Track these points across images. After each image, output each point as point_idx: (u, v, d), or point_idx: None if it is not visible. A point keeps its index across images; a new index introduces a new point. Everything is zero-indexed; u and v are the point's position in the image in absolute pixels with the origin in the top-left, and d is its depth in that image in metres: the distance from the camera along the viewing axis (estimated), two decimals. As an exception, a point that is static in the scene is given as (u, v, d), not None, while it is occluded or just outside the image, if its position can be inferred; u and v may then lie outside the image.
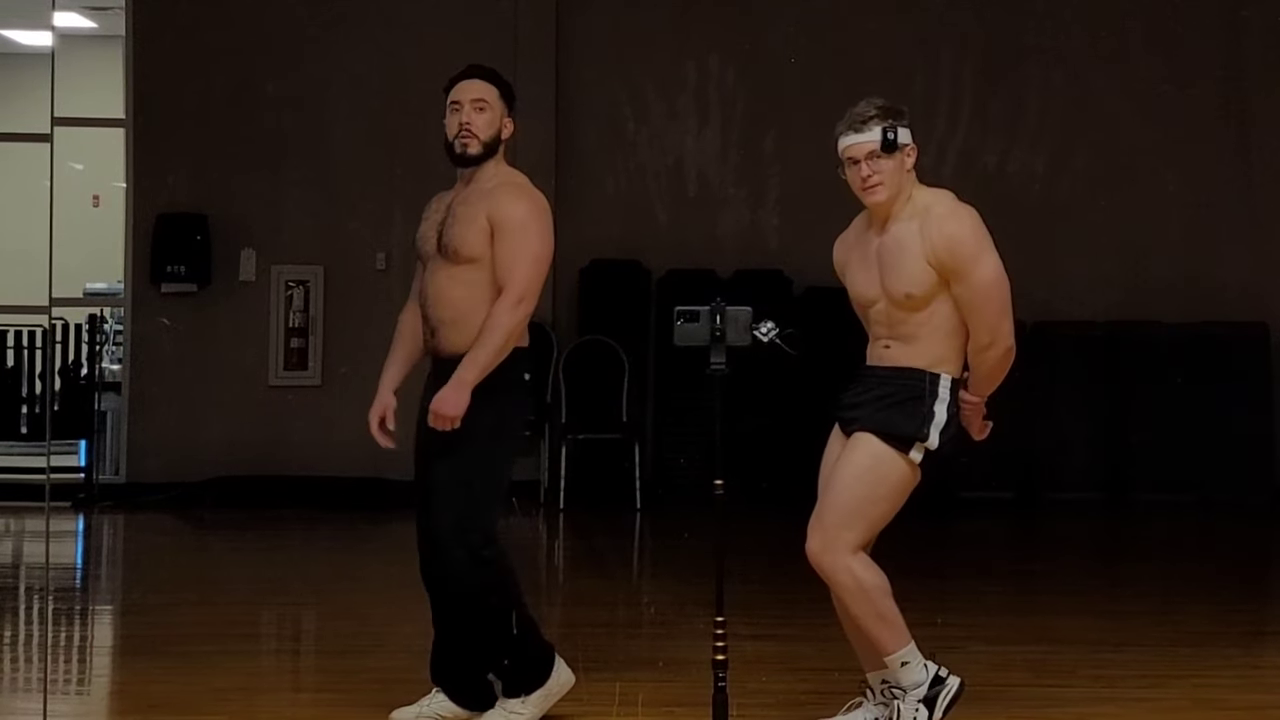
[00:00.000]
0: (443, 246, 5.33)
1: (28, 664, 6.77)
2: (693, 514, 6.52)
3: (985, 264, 5.06)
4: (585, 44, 12.00)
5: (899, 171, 5.12)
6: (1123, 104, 12.06)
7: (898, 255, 5.09)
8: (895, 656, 5.09)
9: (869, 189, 5.11)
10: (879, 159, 5.09)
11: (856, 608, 5.06)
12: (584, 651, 6.27)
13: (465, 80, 5.46)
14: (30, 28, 14.64)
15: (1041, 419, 11.52)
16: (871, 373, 5.16)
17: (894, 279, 5.08)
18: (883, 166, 5.09)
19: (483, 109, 5.39)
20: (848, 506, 5.05)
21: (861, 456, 5.07)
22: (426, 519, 5.37)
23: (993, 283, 5.05)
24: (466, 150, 5.37)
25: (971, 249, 5.05)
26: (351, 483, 11.50)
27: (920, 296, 5.05)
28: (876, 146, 5.09)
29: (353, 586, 8.61)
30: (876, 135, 5.09)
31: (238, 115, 11.77)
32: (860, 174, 5.11)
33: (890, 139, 5.08)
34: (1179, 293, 11.81)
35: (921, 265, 5.05)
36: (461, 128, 5.37)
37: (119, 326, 12.71)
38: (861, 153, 5.10)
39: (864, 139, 5.10)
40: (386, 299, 11.48)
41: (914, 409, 5.05)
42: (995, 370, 5.12)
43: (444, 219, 5.37)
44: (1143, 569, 9.52)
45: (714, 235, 11.99)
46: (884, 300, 5.12)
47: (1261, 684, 6.28)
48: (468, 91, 5.42)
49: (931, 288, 5.05)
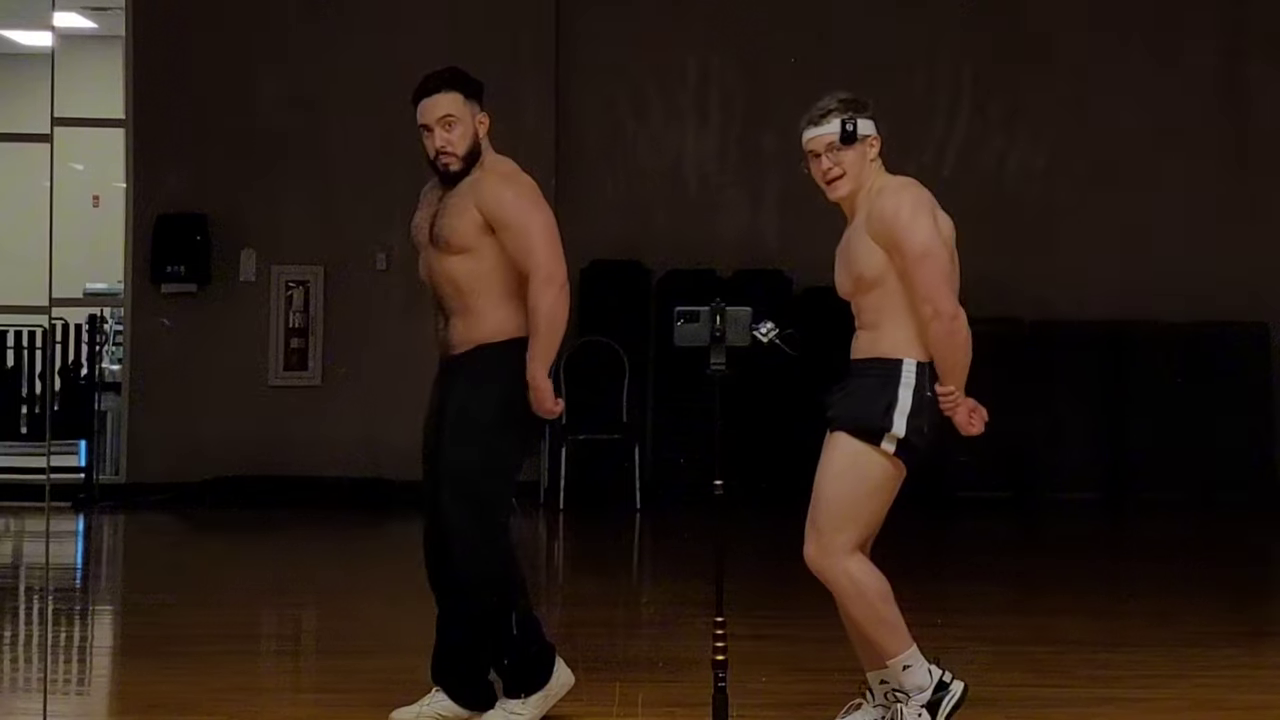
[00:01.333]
0: (435, 237, 5.34)
1: (28, 664, 6.77)
2: (693, 514, 6.51)
3: (917, 230, 4.95)
4: (585, 44, 12.00)
5: (860, 162, 5.08)
6: (1122, 103, 12.06)
7: (855, 241, 5.08)
8: (897, 660, 5.06)
9: (830, 182, 5.10)
10: (839, 151, 5.06)
11: (857, 611, 5.04)
12: (584, 651, 6.26)
13: (427, 98, 5.36)
14: (30, 28, 14.64)
15: (1041, 418, 11.52)
16: (848, 369, 5.14)
17: (850, 265, 5.07)
18: (843, 159, 5.06)
19: (452, 124, 5.33)
20: (835, 509, 5.01)
21: (838, 456, 5.04)
22: (434, 515, 5.36)
23: (923, 249, 4.93)
24: (449, 169, 5.35)
25: (905, 218, 4.97)
26: (351, 483, 11.52)
27: (870, 278, 5.00)
28: (835, 138, 5.06)
29: (352, 586, 8.61)
30: (835, 127, 5.06)
31: (238, 115, 11.78)
32: (821, 167, 5.10)
33: (849, 130, 5.05)
34: (1179, 293, 11.81)
35: (868, 244, 5.02)
36: (439, 151, 5.34)
37: (119, 326, 12.71)
38: (821, 145, 5.08)
39: (823, 131, 5.08)
40: (386, 299, 11.51)
41: (877, 398, 4.99)
42: (947, 349, 4.96)
43: (436, 210, 5.38)
44: (1142, 569, 9.51)
45: (714, 235, 12.00)
46: (849, 288, 5.10)
47: (1261, 684, 6.27)
48: (432, 111, 5.34)
49: (879, 267, 4.99)
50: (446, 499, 5.28)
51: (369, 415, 11.59)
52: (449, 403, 5.33)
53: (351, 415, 11.70)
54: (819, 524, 5.03)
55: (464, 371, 5.31)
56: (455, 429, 5.26)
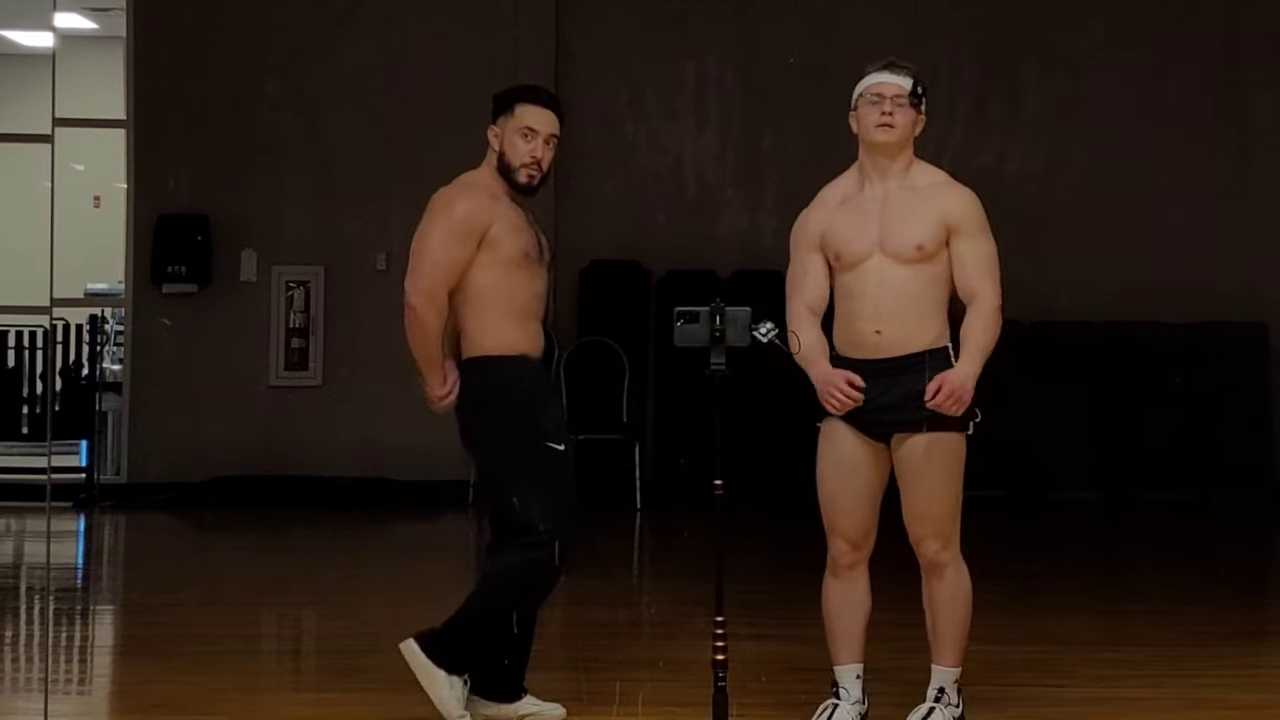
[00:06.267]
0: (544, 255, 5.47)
1: (28, 664, 6.77)
2: (693, 514, 6.52)
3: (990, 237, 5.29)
4: (585, 44, 12.01)
5: (911, 127, 5.22)
6: (1121, 104, 12.06)
7: (915, 209, 5.16)
8: (957, 670, 5.26)
9: (882, 125, 5.17)
10: (903, 106, 5.17)
11: (960, 609, 5.25)
12: (584, 651, 6.27)
13: (545, 109, 5.44)
14: (31, 28, 14.65)
15: (1041, 418, 11.52)
16: (892, 364, 5.15)
17: (911, 231, 5.14)
18: (903, 114, 5.17)
19: (552, 146, 5.43)
20: (954, 506, 5.23)
21: (943, 456, 5.18)
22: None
23: (993, 253, 5.33)
24: (532, 183, 5.43)
25: (982, 220, 5.28)
26: (351, 483, 11.52)
27: (930, 250, 5.14)
28: (905, 92, 5.17)
29: (353, 586, 8.61)
30: (909, 83, 5.19)
31: (238, 115, 11.79)
32: (881, 109, 5.17)
33: (919, 93, 5.20)
34: (1179, 293, 11.81)
35: (934, 219, 5.17)
36: (533, 160, 5.39)
37: (120, 327, 12.72)
38: (890, 92, 5.18)
39: (899, 80, 5.19)
40: (386, 299, 11.48)
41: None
42: (991, 336, 5.33)
43: (533, 228, 5.46)
44: (1142, 569, 9.52)
45: (713, 236, 12.00)
46: (909, 254, 5.14)
47: (1261, 684, 6.28)
48: (547, 124, 5.42)
49: (938, 244, 5.16)
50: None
51: (369, 415, 11.60)
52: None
53: (351, 415, 11.71)
54: (942, 524, 5.21)
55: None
56: (468, 446, 5.59)
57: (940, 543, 5.20)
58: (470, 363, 5.39)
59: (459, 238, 5.28)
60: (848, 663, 5.27)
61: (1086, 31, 12.14)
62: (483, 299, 5.32)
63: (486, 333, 5.35)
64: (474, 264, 5.30)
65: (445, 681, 5.26)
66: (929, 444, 5.14)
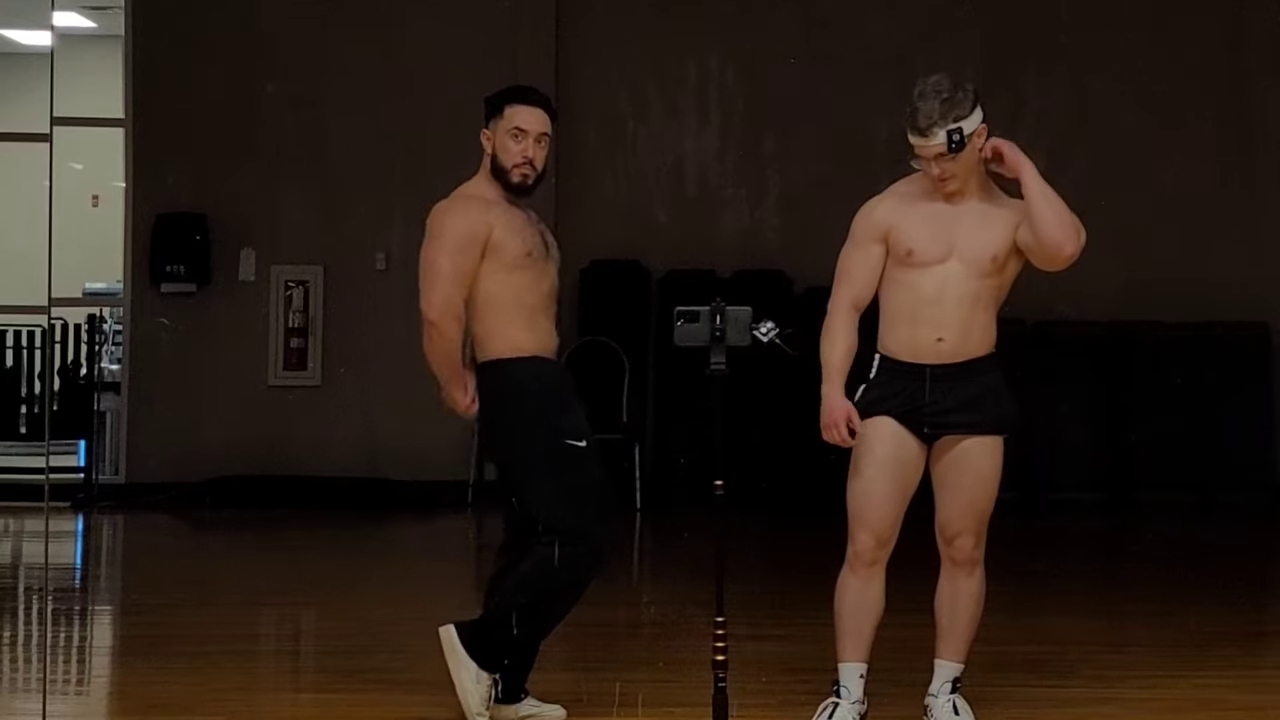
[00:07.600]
0: (550, 252, 5.49)
1: (27, 664, 6.76)
2: (693, 514, 6.51)
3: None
4: (585, 44, 11.99)
5: (970, 159, 5.14)
6: (1122, 103, 12.05)
7: (991, 221, 5.20)
8: (961, 667, 5.33)
9: (942, 183, 5.15)
10: (948, 160, 5.09)
11: (977, 607, 5.35)
12: (584, 651, 6.27)
13: (534, 108, 5.44)
14: (30, 27, 14.64)
15: (1041, 418, 11.50)
16: (949, 371, 5.21)
17: (989, 243, 5.19)
18: (953, 164, 5.10)
19: (544, 144, 5.43)
20: (991, 505, 5.37)
21: (988, 460, 5.36)
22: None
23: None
24: (526, 183, 5.43)
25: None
26: (351, 483, 11.51)
27: (1003, 261, 5.23)
28: (944, 149, 5.08)
29: (353, 586, 8.60)
30: (942, 140, 5.07)
31: (238, 115, 11.77)
32: (932, 172, 5.14)
33: (956, 141, 5.07)
34: (1179, 293, 11.80)
35: (1009, 232, 5.25)
36: (525, 161, 5.39)
37: (118, 326, 12.71)
38: (931, 153, 5.10)
39: (931, 143, 5.08)
40: (386, 299, 11.49)
41: (1004, 396, 5.40)
42: None
43: (538, 228, 5.47)
44: (1143, 569, 9.51)
45: (714, 235, 11.99)
46: (985, 266, 5.18)
47: (1262, 684, 6.27)
48: (537, 123, 5.42)
49: (1008, 256, 5.26)
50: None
51: (369, 415, 11.59)
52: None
53: (351, 415, 11.70)
54: (981, 522, 5.36)
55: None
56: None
57: (975, 540, 5.31)
58: (482, 367, 5.41)
59: (462, 249, 5.31)
60: (853, 660, 5.25)
61: (1087, 31, 12.13)
62: (490, 303, 5.34)
63: (494, 336, 5.36)
64: (480, 272, 5.31)
65: (474, 674, 5.26)
66: (985, 445, 5.30)
